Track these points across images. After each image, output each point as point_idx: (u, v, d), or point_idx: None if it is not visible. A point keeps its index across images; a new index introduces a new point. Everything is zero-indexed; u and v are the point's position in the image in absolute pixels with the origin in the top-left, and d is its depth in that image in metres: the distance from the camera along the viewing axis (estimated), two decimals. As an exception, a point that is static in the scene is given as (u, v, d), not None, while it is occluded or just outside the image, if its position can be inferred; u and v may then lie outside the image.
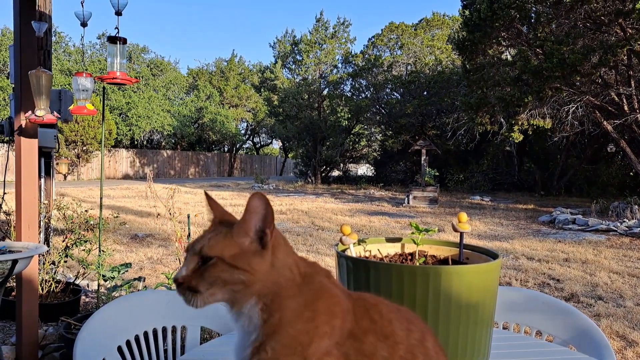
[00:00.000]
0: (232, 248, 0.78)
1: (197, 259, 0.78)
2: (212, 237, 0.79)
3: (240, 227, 0.80)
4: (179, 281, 0.77)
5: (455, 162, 23.05)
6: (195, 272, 0.77)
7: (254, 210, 0.80)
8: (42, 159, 4.01)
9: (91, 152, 23.94)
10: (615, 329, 4.10)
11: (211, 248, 0.78)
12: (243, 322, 0.79)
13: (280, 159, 40.85)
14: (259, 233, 0.80)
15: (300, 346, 0.75)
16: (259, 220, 0.80)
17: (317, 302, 0.79)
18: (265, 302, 0.78)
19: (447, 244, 1.46)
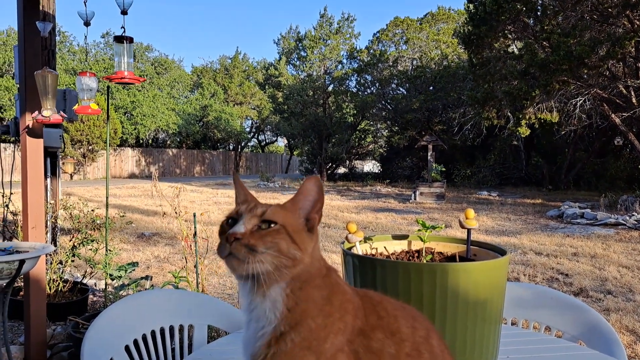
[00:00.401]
0: (292, 221, 0.78)
1: (257, 221, 0.77)
2: (271, 206, 0.79)
3: (292, 204, 0.81)
4: (238, 236, 0.74)
5: (462, 157, 22.95)
6: (254, 233, 0.76)
7: (308, 192, 0.80)
8: (48, 159, 4.02)
9: (97, 151, 24.04)
10: (625, 323, 4.06)
11: (274, 214, 0.77)
12: (264, 308, 0.77)
13: (286, 156, 40.86)
14: (306, 216, 0.80)
15: (316, 341, 0.75)
16: (310, 203, 0.80)
17: (333, 298, 0.80)
18: (293, 289, 0.77)
19: (455, 241, 1.44)
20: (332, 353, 0.76)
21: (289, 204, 0.81)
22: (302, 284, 0.78)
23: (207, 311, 2.00)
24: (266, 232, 0.76)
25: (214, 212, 9.42)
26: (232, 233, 0.75)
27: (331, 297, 0.80)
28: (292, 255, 0.76)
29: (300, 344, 0.75)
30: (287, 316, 0.77)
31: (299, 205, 0.81)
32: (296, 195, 0.81)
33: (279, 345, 0.76)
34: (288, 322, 0.76)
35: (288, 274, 0.77)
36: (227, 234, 0.76)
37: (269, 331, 0.77)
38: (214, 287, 5.12)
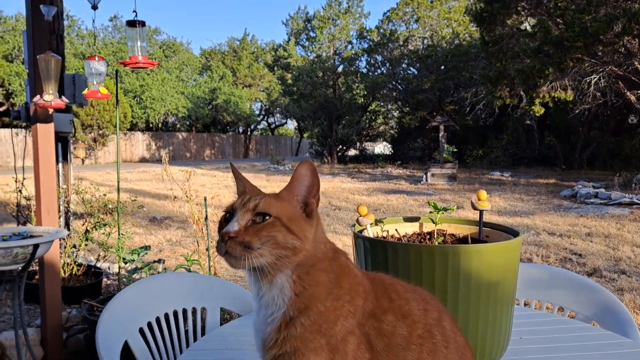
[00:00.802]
0: (286, 211, 0.77)
1: (250, 216, 0.76)
2: (264, 198, 0.78)
3: (287, 192, 0.79)
4: (231, 234, 0.74)
5: (474, 137, 22.74)
6: (248, 228, 0.75)
7: (302, 178, 0.79)
8: (59, 144, 4.03)
9: (107, 135, 24.16)
10: (639, 303, 4.04)
11: (267, 206, 0.76)
12: (272, 295, 0.77)
13: (296, 139, 40.78)
14: (303, 201, 0.79)
15: (327, 324, 0.75)
16: (305, 188, 0.79)
17: (342, 281, 0.79)
18: (299, 275, 0.77)
19: (467, 222, 1.42)
20: (342, 335, 0.76)
21: (284, 192, 0.80)
22: (308, 268, 0.77)
23: (219, 294, 2.01)
24: (261, 226, 0.75)
25: (225, 196, 9.46)
26: (225, 232, 0.75)
27: (340, 280, 0.79)
28: (291, 245, 0.75)
29: (310, 327, 0.75)
30: (295, 301, 0.76)
31: (295, 192, 0.80)
32: (290, 182, 0.80)
33: (289, 329, 0.76)
34: (297, 307, 0.76)
35: (290, 262, 0.76)
36: (222, 233, 0.75)
37: (278, 317, 0.77)
38: (226, 270, 5.16)
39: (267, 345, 0.78)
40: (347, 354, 0.76)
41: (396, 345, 0.79)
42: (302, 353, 0.75)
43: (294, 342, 0.75)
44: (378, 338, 0.78)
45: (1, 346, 3.03)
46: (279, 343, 0.76)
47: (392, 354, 0.78)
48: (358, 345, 0.77)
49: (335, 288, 0.78)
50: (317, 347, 0.75)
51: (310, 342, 0.75)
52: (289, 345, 0.75)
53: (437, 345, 0.81)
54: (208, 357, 1.39)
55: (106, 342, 1.55)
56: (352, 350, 0.76)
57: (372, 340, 0.78)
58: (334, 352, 0.75)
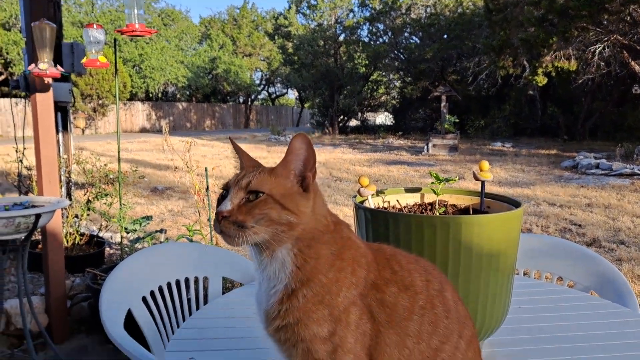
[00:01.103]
0: (280, 187, 0.76)
1: (243, 194, 0.76)
2: (257, 175, 0.77)
3: (283, 167, 0.78)
4: (225, 214, 0.74)
5: (476, 108, 22.57)
6: (241, 207, 0.75)
7: (296, 151, 0.78)
8: (58, 114, 4.01)
9: (107, 105, 23.98)
10: (637, 272, 4.07)
11: (260, 184, 0.76)
12: (273, 268, 0.78)
13: (297, 109, 40.50)
14: (300, 175, 0.78)
15: (329, 295, 0.76)
16: (301, 162, 0.78)
17: (345, 252, 0.79)
18: (300, 248, 0.77)
19: (468, 193, 1.42)
20: (345, 306, 0.77)
21: (279, 167, 0.79)
22: (309, 242, 0.78)
23: (221, 263, 2.03)
24: (253, 204, 0.75)
25: (226, 167, 9.45)
26: (219, 212, 0.75)
27: (342, 252, 0.80)
28: (286, 221, 0.75)
29: (313, 299, 0.76)
30: (297, 274, 0.77)
31: (290, 166, 0.79)
32: (285, 157, 0.79)
33: (292, 301, 0.77)
34: (299, 279, 0.77)
35: (287, 237, 0.76)
36: (216, 213, 0.75)
37: (280, 289, 0.78)
38: (228, 240, 5.19)
39: (270, 316, 0.79)
40: (349, 324, 0.77)
41: (398, 315, 0.79)
42: (305, 324, 0.76)
43: (297, 313, 0.76)
44: (380, 309, 0.79)
45: (6, 314, 3.07)
46: (281, 314, 0.77)
47: (393, 324, 0.79)
48: (360, 316, 0.78)
49: (338, 260, 0.79)
50: (319, 318, 0.76)
51: (312, 313, 0.76)
52: (291, 316, 0.76)
53: (438, 316, 0.82)
54: (211, 325, 1.41)
55: (109, 311, 1.57)
56: (355, 320, 0.77)
57: (374, 311, 0.79)
58: (337, 322, 0.76)
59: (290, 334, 0.77)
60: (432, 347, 0.80)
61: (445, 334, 0.82)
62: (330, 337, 0.76)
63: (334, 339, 0.76)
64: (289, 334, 0.77)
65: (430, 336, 0.81)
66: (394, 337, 0.79)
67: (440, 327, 0.82)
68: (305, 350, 0.77)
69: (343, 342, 0.76)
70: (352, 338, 0.77)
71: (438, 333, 0.81)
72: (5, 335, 3.08)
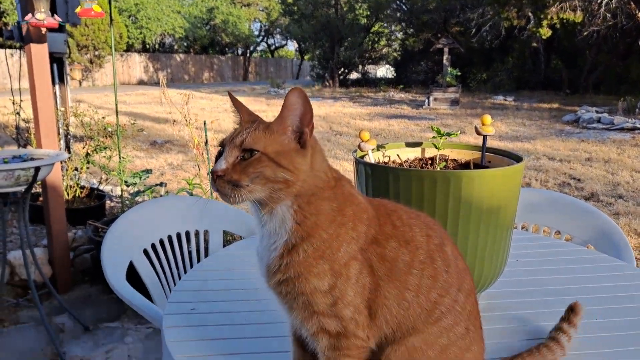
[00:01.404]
0: (275, 144, 0.75)
1: (238, 152, 0.75)
2: (251, 132, 0.76)
3: (279, 124, 0.77)
4: (219, 173, 0.74)
5: (478, 60, 22.17)
6: (236, 166, 0.74)
7: (291, 106, 0.76)
8: (54, 65, 3.94)
9: (104, 57, 23.52)
10: (634, 227, 4.12)
11: (254, 142, 0.75)
12: (274, 224, 0.78)
13: (296, 61, 39.78)
14: (297, 131, 0.77)
15: (330, 250, 0.77)
16: (297, 117, 0.77)
17: (345, 208, 0.79)
18: (300, 204, 0.77)
19: (469, 148, 1.41)
20: (345, 261, 0.77)
21: (275, 124, 0.77)
22: (309, 198, 0.77)
23: (221, 217, 2.04)
24: (247, 163, 0.74)
25: (225, 120, 9.38)
26: (214, 171, 0.74)
27: (343, 207, 0.80)
28: (282, 179, 0.74)
29: (313, 253, 0.77)
30: (297, 230, 0.77)
31: (286, 122, 0.77)
32: (281, 112, 0.77)
33: (292, 256, 0.77)
34: (299, 235, 0.77)
35: (285, 195, 0.76)
36: (211, 171, 0.75)
37: (280, 244, 0.78)
38: (228, 193, 5.22)
39: (271, 270, 0.80)
40: (349, 278, 0.78)
41: (398, 270, 0.80)
42: (305, 277, 0.77)
43: (297, 267, 0.77)
44: (380, 263, 0.80)
45: (10, 265, 3.12)
46: (282, 269, 0.78)
47: (393, 278, 0.80)
48: (360, 270, 0.79)
49: (339, 215, 0.79)
50: (320, 272, 0.77)
51: (313, 268, 0.77)
52: (292, 270, 0.77)
53: (437, 270, 0.83)
54: (211, 277, 1.43)
55: (111, 263, 1.59)
56: (355, 274, 0.78)
57: (374, 265, 0.80)
58: (337, 276, 0.77)
59: (291, 287, 0.78)
60: (431, 300, 0.81)
61: (445, 288, 0.83)
62: (330, 291, 0.77)
63: (334, 292, 0.77)
64: (290, 287, 0.78)
65: (430, 289, 0.82)
66: (393, 291, 0.80)
67: (440, 281, 0.83)
68: (305, 302, 0.78)
69: (343, 295, 0.77)
70: (352, 291, 0.78)
71: (437, 287, 0.82)
72: (10, 286, 3.14)
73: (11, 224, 3.68)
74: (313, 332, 0.80)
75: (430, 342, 0.81)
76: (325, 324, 0.78)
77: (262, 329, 1.14)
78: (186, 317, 1.18)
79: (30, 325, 2.85)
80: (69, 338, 2.74)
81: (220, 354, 1.03)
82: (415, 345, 0.81)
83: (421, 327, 0.81)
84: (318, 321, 0.78)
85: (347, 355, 0.79)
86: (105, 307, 3.07)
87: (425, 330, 0.81)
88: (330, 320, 0.78)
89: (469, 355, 0.85)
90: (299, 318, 0.80)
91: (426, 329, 0.81)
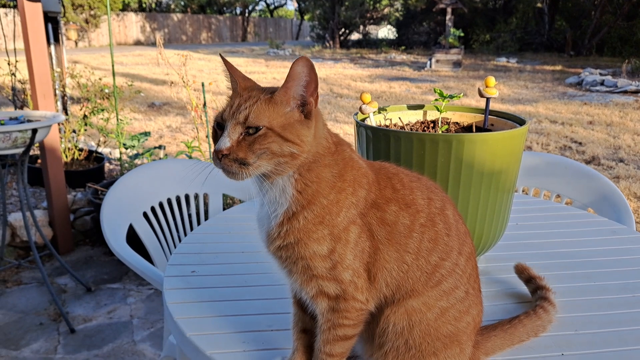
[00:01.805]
0: (280, 117, 0.73)
1: (241, 129, 0.72)
2: (253, 106, 0.73)
3: (283, 94, 0.74)
4: (224, 152, 0.71)
5: (482, 21, 21.73)
6: (241, 142, 0.72)
7: (298, 76, 0.74)
8: (49, 25, 3.85)
9: (99, 16, 23.01)
10: (634, 190, 4.12)
11: (258, 117, 0.72)
12: (274, 193, 0.77)
13: (296, 21, 39.00)
14: (301, 101, 0.75)
15: (329, 215, 0.76)
16: (302, 87, 0.74)
17: (346, 173, 0.79)
18: (301, 172, 0.76)
19: (471, 110, 1.38)
20: (344, 225, 0.77)
21: (279, 95, 0.74)
22: (310, 165, 0.76)
23: (221, 180, 2.02)
24: (253, 139, 0.71)
25: (223, 82, 9.23)
26: (218, 150, 0.71)
27: (343, 173, 0.79)
28: (288, 152, 0.73)
29: (313, 220, 0.76)
30: (298, 198, 0.76)
31: (290, 92, 0.74)
32: (286, 82, 0.74)
33: (292, 223, 0.77)
34: (300, 203, 0.76)
35: (290, 167, 0.74)
36: (214, 151, 0.72)
37: (281, 212, 0.77)
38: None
39: (271, 236, 0.79)
40: (348, 242, 0.77)
41: (398, 233, 0.80)
42: (305, 243, 0.76)
43: (297, 233, 0.76)
44: (380, 227, 0.79)
45: (11, 227, 3.14)
46: (282, 235, 0.77)
47: (393, 241, 0.80)
48: (359, 234, 0.78)
49: (339, 181, 0.78)
50: (319, 237, 0.76)
51: (313, 233, 0.76)
52: (292, 236, 0.77)
53: (438, 234, 0.83)
54: (211, 240, 1.43)
55: (111, 226, 1.59)
56: (354, 238, 0.78)
57: (373, 229, 0.79)
58: (336, 240, 0.77)
59: (290, 252, 0.78)
60: (431, 263, 0.81)
61: (445, 251, 0.83)
62: (329, 255, 0.77)
63: (333, 256, 0.77)
64: (290, 252, 0.78)
65: (430, 253, 0.82)
66: (393, 254, 0.80)
67: (440, 244, 0.83)
68: (305, 266, 0.78)
69: (342, 258, 0.77)
70: (351, 255, 0.78)
71: (438, 250, 0.82)
72: (11, 247, 3.16)
73: (10, 186, 3.68)
74: (312, 295, 0.80)
75: (430, 304, 0.82)
76: (325, 287, 0.79)
77: (262, 291, 1.15)
78: (186, 279, 1.19)
79: (33, 285, 2.88)
80: (71, 298, 2.78)
81: (220, 316, 1.04)
82: (415, 307, 0.81)
83: (421, 289, 0.81)
84: (317, 284, 0.79)
85: (346, 317, 0.80)
86: (107, 269, 3.10)
87: (425, 292, 0.82)
88: (329, 284, 0.78)
89: (467, 318, 0.85)
90: (298, 282, 0.80)
91: (426, 292, 0.82)
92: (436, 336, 0.82)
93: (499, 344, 0.94)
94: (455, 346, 0.84)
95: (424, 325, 0.81)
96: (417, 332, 0.81)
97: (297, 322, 0.89)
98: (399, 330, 0.81)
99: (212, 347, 0.93)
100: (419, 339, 0.81)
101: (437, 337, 0.82)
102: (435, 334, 0.82)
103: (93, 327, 2.54)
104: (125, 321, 2.59)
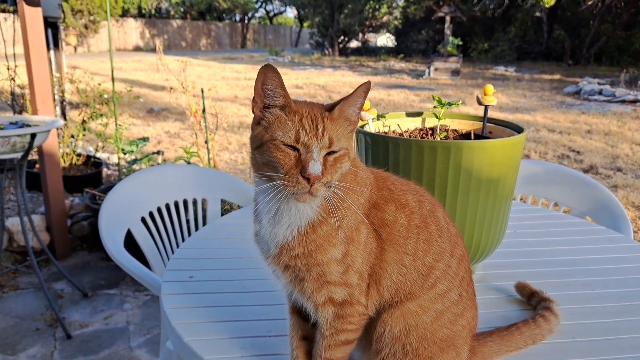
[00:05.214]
0: (345, 137, 0.76)
1: (325, 151, 0.73)
2: (330, 127, 0.74)
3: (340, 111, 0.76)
4: (319, 178, 0.71)
5: (480, 30, 21.83)
6: (326, 166, 0.73)
7: (356, 99, 0.76)
8: (48, 30, 3.86)
9: (99, 22, 23.06)
10: (632, 199, 4.13)
11: (339, 140, 0.74)
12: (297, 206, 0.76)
13: (295, 28, 39.13)
14: (347, 119, 0.78)
15: (346, 219, 0.78)
16: (357, 108, 0.78)
17: (356, 176, 0.81)
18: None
19: (470, 118, 1.39)
20: (356, 226, 0.79)
21: (338, 112, 0.76)
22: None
23: (219, 186, 2.03)
24: (332, 162, 0.74)
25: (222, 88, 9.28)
26: (314, 176, 0.70)
27: (355, 176, 0.81)
28: (346, 168, 0.77)
29: (334, 225, 0.77)
30: (324, 207, 0.77)
31: (346, 110, 0.77)
32: (346, 100, 0.76)
33: (316, 231, 0.77)
34: (325, 210, 0.77)
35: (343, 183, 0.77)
36: (308, 175, 0.70)
37: (303, 223, 0.77)
38: (226, 163, 5.20)
39: (285, 248, 0.78)
40: (359, 243, 0.79)
41: (397, 234, 0.82)
42: (325, 248, 0.77)
43: (319, 240, 0.77)
44: (382, 227, 0.81)
45: (8, 231, 3.13)
46: (303, 243, 0.77)
47: (393, 242, 0.81)
48: (367, 234, 0.80)
49: (353, 184, 0.80)
50: (337, 242, 0.77)
51: (332, 238, 0.77)
52: (313, 244, 0.77)
53: (432, 234, 0.84)
54: (210, 246, 1.43)
55: (109, 231, 1.59)
56: (364, 238, 0.79)
57: (376, 230, 0.81)
58: (350, 242, 0.78)
59: (307, 259, 0.77)
60: (426, 265, 0.82)
61: (438, 252, 0.84)
62: (343, 258, 0.78)
63: (346, 259, 0.78)
64: (306, 260, 0.77)
65: (425, 254, 0.83)
66: (393, 255, 0.81)
67: (434, 245, 0.84)
68: (319, 273, 0.78)
69: (353, 261, 0.78)
70: (361, 257, 0.79)
71: (432, 251, 0.83)
72: (9, 252, 3.15)
73: (8, 191, 3.67)
74: (321, 302, 0.80)
75: (426, 307, 0.82)
76: (335, 293, 0.79)
77: (261, 296, 1.15)
78: (184, 284, 1.19)
79: (30, 290, 2.87)
80: (68, 304, 2.77)
81: (218, 321, 1.03)
82: (411, 309, 0.82)
83: (417, 292, 0.82)
84: (328, 291, 0.79)
85: (350, 322, 0.81)
86: (104, 274, 3.09)
87: (421, 295, 0.82)
88: (339, 289, 0.79)
89: (462, 321, 0.86)
90: (308, 290, 0.80)
91: (422, 295, 0.82)
92: (432, 340, 0.83)
93: (495, 349, 0.94)
94: (451, 350, 0.85)
95: (421, 329, 0.82)
96: (413, 336, 0.82)
97: (297, 330, 0.89)
98: (395, 334, 0.82)
99: (210, 353, 0.93)
100: (415, 343, 0.82)
101: (433, 341, 0.83)
102: (431, 338, 0.83)
103: (89, 332, 2.53)
104: (122, 327, 2.57)
